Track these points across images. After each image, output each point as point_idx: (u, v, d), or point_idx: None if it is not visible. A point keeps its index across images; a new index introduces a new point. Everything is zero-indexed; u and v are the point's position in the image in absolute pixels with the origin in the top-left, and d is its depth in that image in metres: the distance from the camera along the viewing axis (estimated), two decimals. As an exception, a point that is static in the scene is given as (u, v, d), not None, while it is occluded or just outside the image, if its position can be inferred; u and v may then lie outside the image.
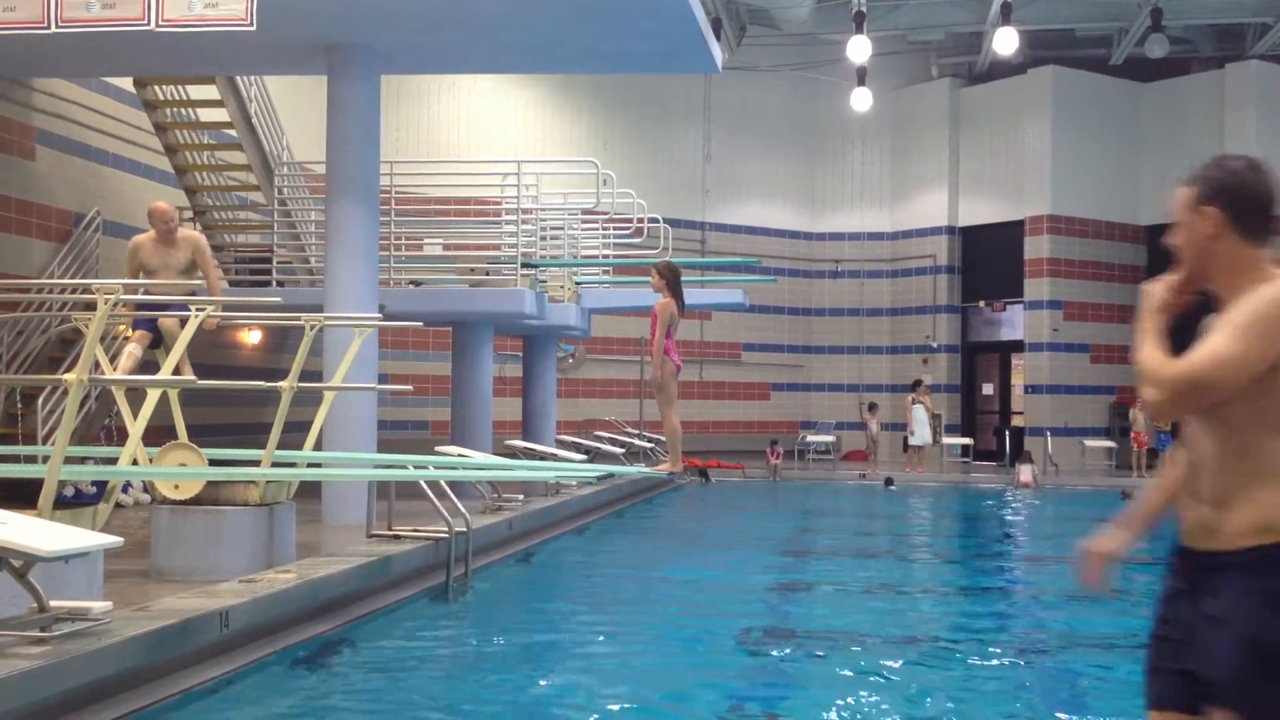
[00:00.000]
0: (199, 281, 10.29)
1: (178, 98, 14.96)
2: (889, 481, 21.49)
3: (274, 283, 14.88)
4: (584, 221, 18.03)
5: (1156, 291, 3.02)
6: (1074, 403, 25.12)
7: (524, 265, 14.73)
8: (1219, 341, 2.77)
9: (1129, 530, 3.26)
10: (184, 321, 9.20)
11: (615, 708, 6.22)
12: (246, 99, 15.14)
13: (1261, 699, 2.84)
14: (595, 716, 6.04)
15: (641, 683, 6.73)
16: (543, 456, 14.67)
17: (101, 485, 7.75)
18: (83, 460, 9.11)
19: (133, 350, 9.97)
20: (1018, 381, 26.37)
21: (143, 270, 10.16)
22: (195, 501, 8.22)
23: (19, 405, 12.15)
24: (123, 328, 10.60)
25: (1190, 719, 2.99)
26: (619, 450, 19.16)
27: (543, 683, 6.76)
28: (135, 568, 8.12)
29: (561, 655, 7.54)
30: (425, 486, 9.38)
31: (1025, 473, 21.01)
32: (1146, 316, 2.96)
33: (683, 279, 10.65)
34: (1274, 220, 2.96)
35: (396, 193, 15.31)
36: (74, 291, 11.05)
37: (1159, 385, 2.78)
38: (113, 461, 8.37)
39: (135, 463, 8.07)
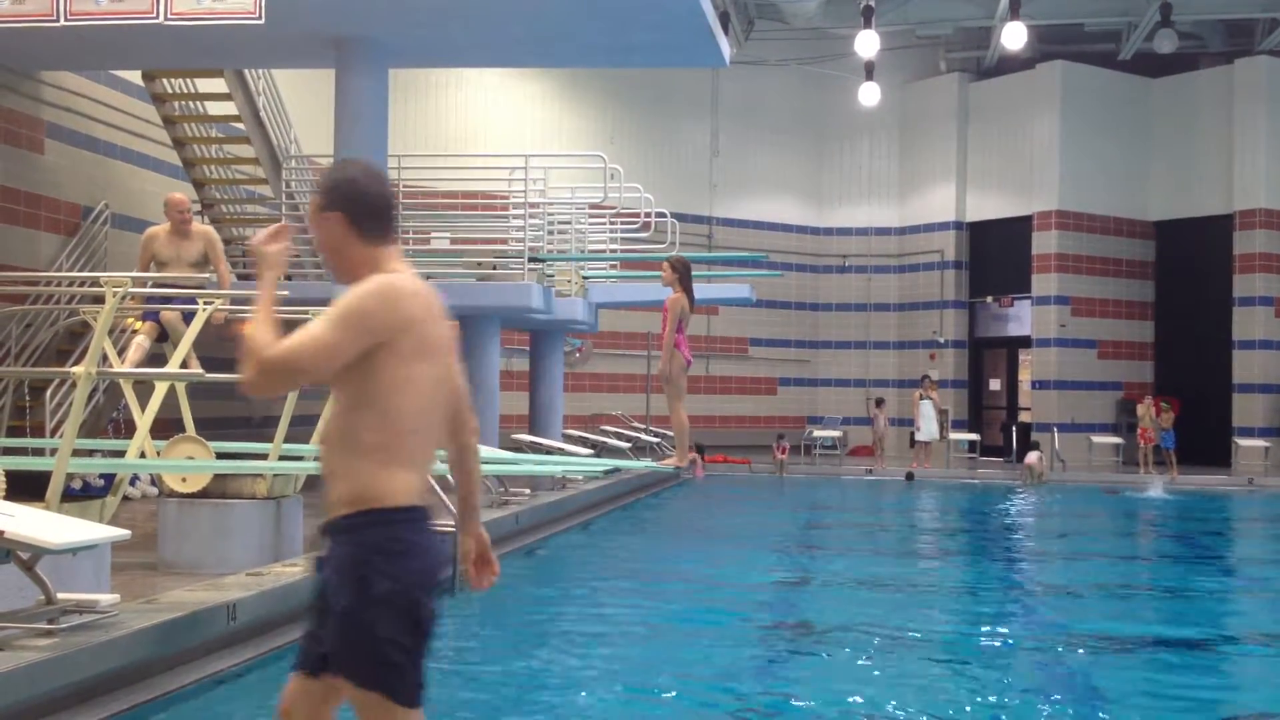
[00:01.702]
0: (208, 275, 10.32)
1: (186, 91, 14.97)
2: (910, 476, 21.50)
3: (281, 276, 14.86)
4: (591, 216, 18.00)
5: (274, 253, 3.17)
6: (1081, 398, 25.07)
7: (531, 259, 14.72)
8: (316, 329, 3.00)
9: (464, 531, 3.56)
10: (187, 315, 9.24)
11: (622, 702, 6.22)
12: (255, 92, 15.14)
13: (347, 659, 3.00)
14: (601, 711, 6.04)
15: (648, 677, 6.73)
16: (549, 451, 14.69)
17: (109, 478, 7.78)
18: (90, 453, 9.12)
19: (141, 342, 9.99)
20: (1025, 377, 26.31)
21: (155, 262, 10.19)
22: (203, 494, 8.24)
23: (27, 398, 12.15)
24: (131, 320, 10.62)
25: (314, 680, 3.14)
26: (626, 445, 19.17)
27: (548, 677, 6.76)
28: (143, 560, 8.14)
29: (567, 650, 7.53)
30: (430, 480, 9.37)
31: (1031, 456, 20.98)
32: (267, 288, 3.13)
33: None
34: (391, 219, 3.18)
35: (404, 186, 15.30)
36: (82, 284, 11.07)
37: (253, 365, 2.99)
38: (120, 454, 8.39)
39: (143, 455, 8.08)
